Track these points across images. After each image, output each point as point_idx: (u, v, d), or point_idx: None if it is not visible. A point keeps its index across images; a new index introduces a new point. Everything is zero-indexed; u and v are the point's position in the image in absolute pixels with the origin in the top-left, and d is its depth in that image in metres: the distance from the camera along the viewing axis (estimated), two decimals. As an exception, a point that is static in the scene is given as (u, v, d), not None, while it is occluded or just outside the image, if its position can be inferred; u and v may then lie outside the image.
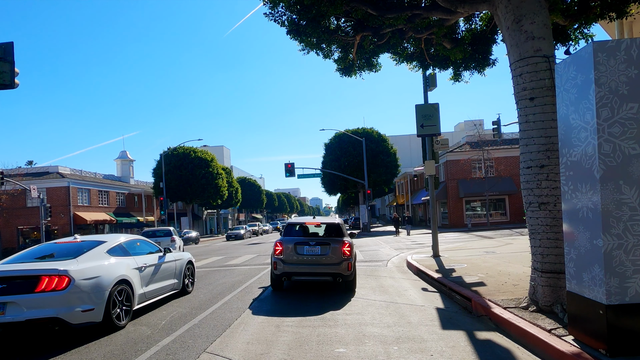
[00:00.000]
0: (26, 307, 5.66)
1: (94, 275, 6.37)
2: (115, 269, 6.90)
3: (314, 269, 9.30)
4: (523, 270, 10.08)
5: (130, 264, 7.39)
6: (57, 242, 7.85)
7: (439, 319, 6.88)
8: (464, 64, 12.44)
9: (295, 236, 10.08)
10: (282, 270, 9.36)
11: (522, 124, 6.32)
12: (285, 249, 9.42)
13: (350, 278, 9.36)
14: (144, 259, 8.01)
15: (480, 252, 15.13)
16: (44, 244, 7.86)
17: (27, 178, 43.17)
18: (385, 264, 14.70)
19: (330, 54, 11.52)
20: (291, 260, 9.34)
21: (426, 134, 14.81)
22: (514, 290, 7.79)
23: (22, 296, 5.70)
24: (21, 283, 5.82)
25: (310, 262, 9.31)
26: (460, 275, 10.30)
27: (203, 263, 18.11)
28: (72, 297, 5.94)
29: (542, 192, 6.08)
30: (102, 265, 6.70)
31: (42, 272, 5.94)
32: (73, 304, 5.93)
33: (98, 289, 6.33)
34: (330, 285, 10.31)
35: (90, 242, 7.34)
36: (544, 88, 6.05)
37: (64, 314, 5.81)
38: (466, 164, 38.88)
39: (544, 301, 6.03)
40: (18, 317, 5.61)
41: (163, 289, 8.57)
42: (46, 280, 5.84)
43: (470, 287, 8.57)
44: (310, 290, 9.86)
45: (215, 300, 9.08)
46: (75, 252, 6.85)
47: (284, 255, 9.37)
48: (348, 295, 9.16)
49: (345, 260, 9.20)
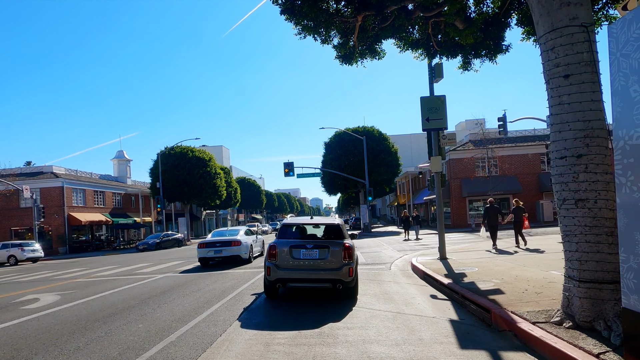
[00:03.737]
0: (228, 251, 16.41)
1: (245, 241, 17.11)
2: (248, 239, 17.61)
3: (312, 274, 8.39)
4: (543, 276, 9.12)
5: (251, 238, 18.06)
6: (223, 229, 19.30)
7: (454, 335, 5.93)
8: (474, 50, 11.48)
9: (291, 238, 9.21)
10: (277, 276, 8.47)
11: (554, 107, 5.36)
12: (279, 252, 8.52)
13: (351, 284, 8.46)
14: (252, 237, 18.56)
15: (488, 254, 14.16)
16: (219, 229, 19.76)
17: (21, 178, 42.20)
18: (389, 267, 13.75)
19: (328, 39, 10.57)
20: (286, 266, 8.46)
21: (432, 128, 13.85)
22: (539, 300, 6.84)
23: (226, 247, 16.43)
24: (225, 242, 16.58)
25: (307, 267, 8.41)
26: (473, 280, 9.34)
27: (194, 266, 17.14)
28: (241, 248, 16.65)
29: (579, 187, 5.13)
30: (246, 237, 17.53)
31: (231, 239, 16.78)
32: (242, 251, 16.67)
33: (246, 246, 17.05)
34: (330, 292, 9.36)
35: (237, 229, 18.63)
36: (582, 63, 5.10)
37: (240, 254, 16.63)
38: (469, 162, 37.91)
39: (583, 316, 5.08)
40: (225, 254, 16.43)
41: (257, 251, 18.84)
42: (233, 241, 16.62)
43: (486, 295, 7.62)
44: (307, 298, 8.90)
45: (201, 310, 8.13)
46: (235, 232, 18.05)
47: (279, 260, 8.50)
48: (349, 303, 8.21)
49: (345, 265, 8.33)
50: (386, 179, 46.48)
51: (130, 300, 9.71)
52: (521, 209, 15.50)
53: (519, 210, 15.50)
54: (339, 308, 7.85)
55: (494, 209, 15.48)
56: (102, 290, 11.78)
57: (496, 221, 15.26)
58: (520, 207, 15.62)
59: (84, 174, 48.89)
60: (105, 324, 7.30)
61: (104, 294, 10.92)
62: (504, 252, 14.41)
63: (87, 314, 8.30)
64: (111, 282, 13.73)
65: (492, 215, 15.32)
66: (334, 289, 8.55)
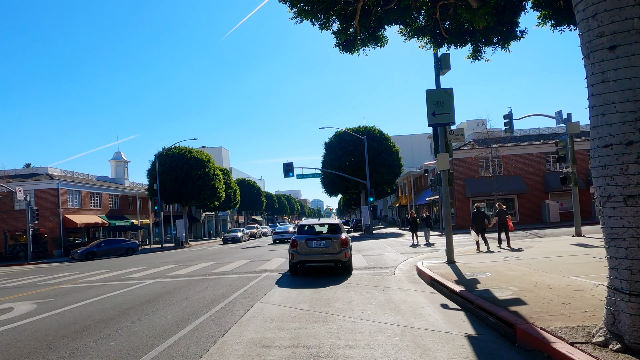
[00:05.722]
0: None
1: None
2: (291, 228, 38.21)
3: (321, 257, 12.23)
4: (566, 283, 8.23)
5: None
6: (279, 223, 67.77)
7: (475, 356, 5.04)
8: (485, 38, 10.61)
9: (306, 234, 13.18)
10: (298, 259, 12.31)
11: (596, 86, 4.49)
12: (299, 244, 12.33)
13: (347, 263, 12.42)
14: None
15: (500, 257, 13.28)
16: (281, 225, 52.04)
17: (15, 180, 41.33)
18: (393, 272, 12.87)
19: (327, 24, 9.71)
20: (303, 252, 12.27)
21: (438, 123, 12.98)
22: (570, 314, 5.95)
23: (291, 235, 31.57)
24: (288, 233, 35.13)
25: (317, 252, 12.23)
26: (488, 288, 8.46)
27: (188, 271, 16.27)
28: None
29: (629, 181, 4.26)
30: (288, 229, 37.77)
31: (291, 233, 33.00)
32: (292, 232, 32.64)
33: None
34: (331, 302, 8.49)
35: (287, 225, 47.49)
36: (632, 31, 4.23)
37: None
38: (473, 162, 36.95)
39: (635, 337, 4.20)
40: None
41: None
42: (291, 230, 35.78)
43: (506, 306, 6.73)
44: (307, 307, 8.03)
45: (185, 323, 7.24)
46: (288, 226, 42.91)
47: (299, 249, 12.30)
48: (352, 314, 7.33)
49: (343, 250, 12.17)
50: (387, 180, 45.55)
51: (110, 310, 8.83)
52: (504, 212, 16.55)
53: (502, 213, 16.51)
54: (340, 320, 6.97)
55: (480, 214, 16.10)
56: (84, 298, 10.90)
57: (483, 224, 15.86)
58: (504, 210, 16.69)
59: (80, 176, 48.02)
60: (74, 341, 6.43)
61: (83, 303, 10.03)
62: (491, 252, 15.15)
63: (58, 328, 7.43)
64: (96, 288, 12.85)
65: (479, 219, 15.90)
66: (336, 267, 12.75)
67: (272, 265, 16.42)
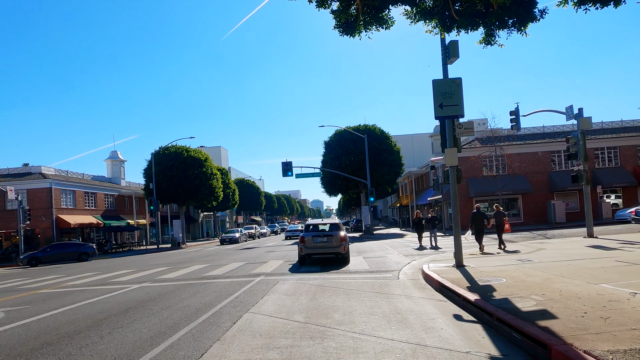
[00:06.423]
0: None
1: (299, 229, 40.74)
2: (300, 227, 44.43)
3: (324, 250, 15.22)
4: (596, 291, 7.27)
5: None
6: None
7: (506, 387, 4.09)
8: (499, 20, 9.61)
9: (312, 231, 15.89)
10: (306, 252, 15.31)
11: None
12: (307, 240, 15.28)
13: (346, 255, 15.33)
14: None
15: (512, 260, 12.32)
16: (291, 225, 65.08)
17: (7, 179, 40.40)
18: (397, 276, 11.92)
19: (326, 2, 8.72)
20: (310, 246, 15.25)
21: (446, 116, 12.01)
22: (614, 331, 4.99)
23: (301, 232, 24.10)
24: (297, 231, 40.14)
25: (321, 246, 15.22)
26: (506, 296, 7.50)
27: (179, 274, 15.31)
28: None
29: None
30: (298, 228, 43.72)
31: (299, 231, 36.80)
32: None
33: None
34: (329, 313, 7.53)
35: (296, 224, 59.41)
36: None
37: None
38: (476, 161, 35.94)
39: None
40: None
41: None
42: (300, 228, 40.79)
43: (532, 319, 5.78)
44: (302, 319, 7.06)
45: (159, 339, 6.27)
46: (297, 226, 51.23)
47: (306, 243, 15.27)
48: (353, 327, 6.37)
49: (342, 244, 15.07)
50: (388, 179, 44.57)
51: (81, 321, 7.86)
52: (501, 214, 16.47)
53: (499, 214, 16.38)
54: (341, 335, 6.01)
55: (480, 214, 15.89)
56: (59, 305, 9.93)
57: (482, 225, 15.69)
58: (501, 212, 16.60)
59: (75, 175, 47.04)
60: (27, 362, 5.47)
61: (56, 312, 9.07)
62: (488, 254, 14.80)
63: (15, 343, 6.47)
64: (76, 294, 11.89)
65: (479, 220, 15.73)
66: (336, 258, 15.60)
67: (268, 268, 15.46)
